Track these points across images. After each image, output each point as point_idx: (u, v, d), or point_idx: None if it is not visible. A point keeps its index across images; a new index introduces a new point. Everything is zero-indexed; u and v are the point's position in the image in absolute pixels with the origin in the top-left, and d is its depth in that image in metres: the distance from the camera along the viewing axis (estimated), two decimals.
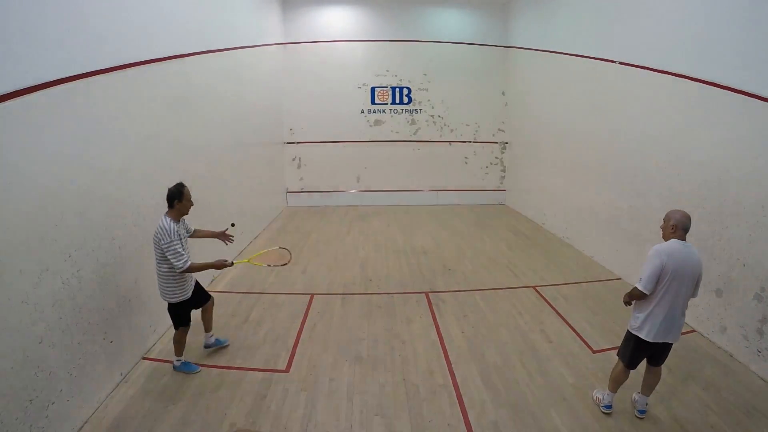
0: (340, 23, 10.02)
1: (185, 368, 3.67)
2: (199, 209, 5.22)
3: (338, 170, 10.37)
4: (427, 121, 10.44)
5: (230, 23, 6.58)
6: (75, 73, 3.02)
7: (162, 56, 4.33)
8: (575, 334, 4.28)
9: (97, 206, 3.25)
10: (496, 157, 10.65)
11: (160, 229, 3.32)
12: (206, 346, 3.99)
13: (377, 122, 10.38)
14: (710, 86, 4.20)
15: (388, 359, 3.88)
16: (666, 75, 4.84)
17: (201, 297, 3.83)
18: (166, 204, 3.47)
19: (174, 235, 3.32)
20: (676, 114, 4.73)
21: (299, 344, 4.11)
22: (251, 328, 4.43)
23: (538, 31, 8.68)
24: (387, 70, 10.23)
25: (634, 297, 3.01)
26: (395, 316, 4.71)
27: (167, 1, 4.51)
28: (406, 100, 10.37)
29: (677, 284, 2.86)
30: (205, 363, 3.79)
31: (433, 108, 10.41)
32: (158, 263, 3.43)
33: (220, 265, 3.58)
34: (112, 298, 3.41)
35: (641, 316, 2.96)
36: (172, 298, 3.53)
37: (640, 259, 5.31)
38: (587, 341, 4.14)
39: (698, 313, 4.32)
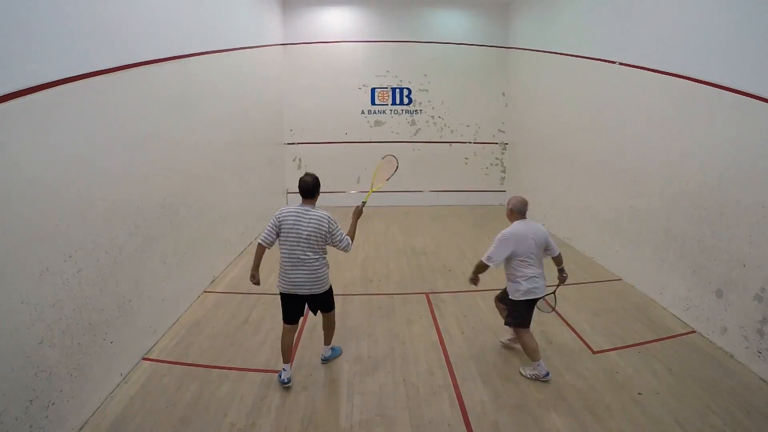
0: (340, 24, 10.03)
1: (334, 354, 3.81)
2: (200, 209, 5.25)
3: (338, 171, 10.36)
4: (427, 121, 10.44)
5: (230, 24, 6.59)
6: (75, 74, 3.02)
7: (162, 57, 4.33)
8: (575, 335, 4.28)
9: (97, 206, 3.25)
10: (497, 158, 10.65)
11: (324, 218, 3.37)
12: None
13: (377, 123, 10.39)
14: (710, 86, 4.20)
15: (388, 359, 3.88)
16: (666, 75, 4.84)
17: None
18: (304, 196, 3.44)
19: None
20: (676, 114, 4.73)
21: (299, 344, 4.11)
22: (252, 328, 4.43)
23: (538, 32, 8.69)
24: (387, 71, 10.24)
25: (480, 270, 3.80)
26: (395, 316, 4.71)
27: (167, 2, 4.52)
28: (406, 100, 10.37)
29: (533, 253, 3.66)
30: (205, 363, 3.79)
31: (433, 109, 10.41)
32: (315, 255, 3.39)
33: (360, 213, 3.84)
34: (112, 298, 3.42)
35: (523, 283, 3.61)
36: (328, 283, 3.58)
37: (641, 260, 5.36)
38: (587, 342, 4.14)
39: (698, 313, 4.32)
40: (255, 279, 3.64)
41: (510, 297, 3.70)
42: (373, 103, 10.32)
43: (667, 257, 4.82)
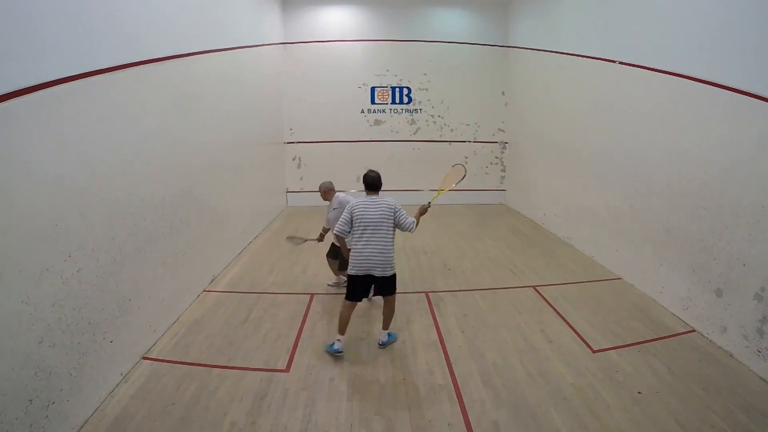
0: (340, 23, 10.02)
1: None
2: (200, 209, 5.24)
3: (338, 170, 10.31)
4: (427, 120, 10.44)
5: (230, 23, 6.58)
6: (75, 73, 3.01)
7: (162, 56, 4.32)
8: (575, 334, 4.28)
9: (97, 206, 3.25)
10: (496, 157, 10.65)
11: (390, 204, 3.83)
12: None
13: (377, 122, 10.39)
14: (711, 86, 4.20)
15: (388, 359, 3.88)
16: (666, 74, 4.84)
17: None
18: (370, 189, 3.94)
19: None
20: (677, 114, 4.72)
21: (299, 344, 4.11)
22: (251, 327, 4.43)
23: (538, 31, 8.68)
24: (387, 70, 10.23)
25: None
26: (395, 316, 4.69)
27: (167, 1, 4.51)
28: (406, 99, 10.37)
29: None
30: (205, 362, 3.79)
31: (433, 108, 10.40)
32: (388, 238, 3.80)
33: (424, 211, 4.07)
34: (112, 298, 3.41)
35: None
36: (395, 267, 3.88)
37: (641, 259, 5.36)
38: (587, 341, 4.14)
39: (698, 313, 4.33)
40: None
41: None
42: (372, 102, 10.31)
43: (667, 256, 4.82)
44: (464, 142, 10.53)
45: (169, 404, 3.23)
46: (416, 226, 3.91)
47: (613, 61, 5.92)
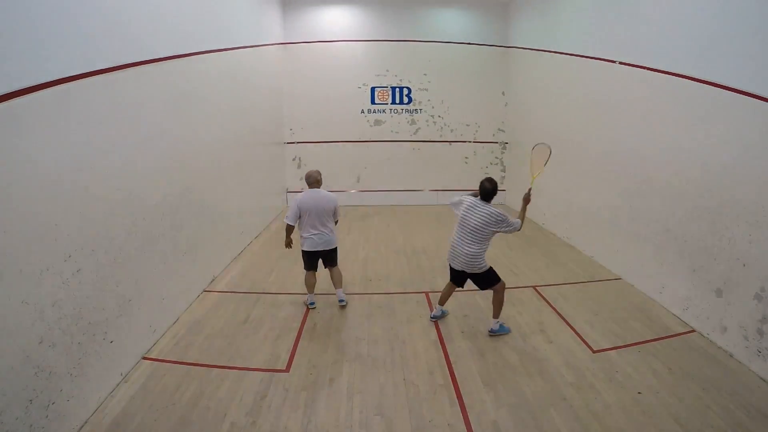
0: (340, 23, 10.02)
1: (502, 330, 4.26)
2: (200, 209, 5.24)
3: (338, 170, 10.36)
4: (427, 121, 10.44)
5: (230, 23, 6.58)
6: (75, 73, 3.02)
7: (162, 56, 4.32)
8: (575, 334, 4.28)
9: (97, 206, 3.25)
10: (496, 157, 10.65)
11: (496, 213, 4.00)
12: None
13: (377, 122, 10.39)
14: (710, 86, 4.20)
15: (388, 359, 3.88)
16: (666, 75, 4.84)
17: None
18: (484, 198, 4.12)
19: None
20: (676, 114, 4.73)
21: (299, 344, 4.11)
22: (251, 328, 4.43)
23: (538, 31, 8.68)
24: (387, 70, 10.23)
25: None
26: (395, 316, 4.71)
27: (167, 1, 4.51)
28: (406, 100, 10.37)
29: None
30: (205, 363, 3.79)
31: (433, 108, 10.40)
32: (483, 242, 4.03)
33: (528, 200, 4.29)
34: (112, 298, 3.42)
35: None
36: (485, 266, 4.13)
37: (641, 259, 5.36)
38: (587, 341, 4.14)
39: (698, 312, 4.33)
40: None
41: None
42: (372, 102, 10.31)
43: (667, 257, 4.82)
44: (464, 142, 10.53)
45: (169, 404, 3.24)
46: (521, 225, 4.10)
47: (613, 61, 5.92)
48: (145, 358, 3.82)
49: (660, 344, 4.10)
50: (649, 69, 5.15)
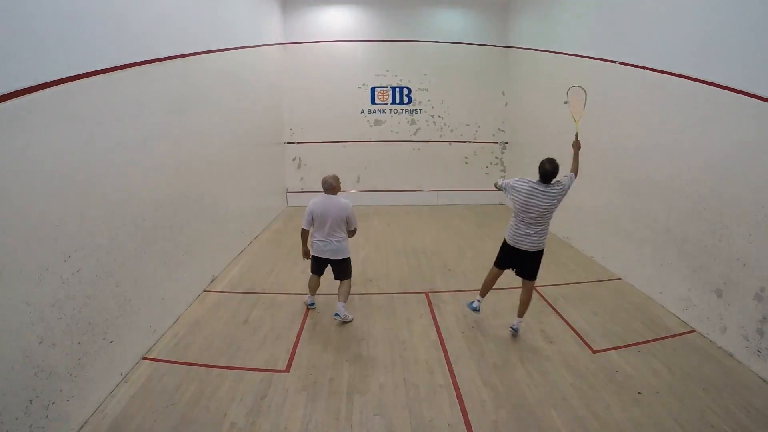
0: (340, 23, 10.02)
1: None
2: (200, 209, 5.24)
3: (338, 170, 10.21)
4: (427, 121, 10.44)
5: (230, 23, 6.58)
6: (75, 74, 3.02)
7: (162, 56, 4.32)
8: (575, 334, 4.29)
9: (97, 206, 3.25)
10: (497, 157, 10.64)
11: (557, 190, 4.04)
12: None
13: (377, 122, 10.38)
14: (710, 86, 4.20)
15: (388, 359, 3.88)
16: (666, 75, 4.84)
17: None
18: (545, 180, 4.02)
19: None
20: (677, 114, 4.73)
21: (299, 344, 4.11)
22: (251, 328, 4.43)
23: (538, 31, 8.68)
24: (387, 70, 10.23)
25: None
26: (395, 316, 4.71)
27: (167, 1, 4.51)
28: (406, 100, 10.36)
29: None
30: (205, 363, 3.79)
31: (433, 108, 10.40)
32: (549, 219, 4.11)
33: (579, 145, 4.31)
34: (112, 298, 3.41)
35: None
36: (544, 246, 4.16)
37: (641, 259, 5.36)
38: (587, 341, 4.15)
39: (698, 312, 4.33)
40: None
41: None
42: (372, 102, 10.31)
43: (667, 257, 4.82)
44: (464, 142, 10.52)
45: (169, 404, 3.24)
46: (577, 173, 4.18)
47: (613, 61, 5.92)
48: (145, 358, 3.82)
49: (660, 344, 4.10)
50: (649, 69, 5.15)
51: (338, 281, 4.57)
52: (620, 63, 5.75)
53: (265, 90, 8.65)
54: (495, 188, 4.40)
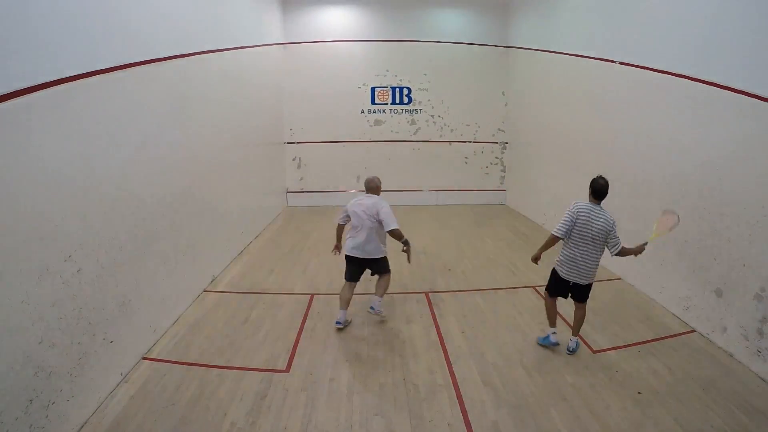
0: (340, 23, 10.02)
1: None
2: (200, 209, 5.24)
3: (338, 170, 10.36)
4: (427, 121, 10.44)
5: (230, 23, 6.58)
6: (75, 74, 3.02)
7: (162, 56, 4.32)
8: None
9: (97, 206, 3.25)
10: (497, 157, 10.65)
11: (611, 218, 3.68)
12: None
13: (377, 122, 10.39)
14: (710, 86, 4.20)
15: (388, 359, 3.88)
16: (666, 75, 4.84)
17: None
18: (597, 197, 3.75)
19: None
20: (677, 114, 4.72)
21: (299, 344, 4.11)
22: (251, 328, 4.43)
23: (538, 31, 8.68)
24: (387, 70, 10.23)
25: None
26: (395, 316, 4.71)
27: (167, 1, 4.51)
28: (406, 100, 10.37)
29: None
30: (205, 363, 3.79)
31: (433, 108, 10.40)
32: (602, 249, 3.75)
33: (639, 252, 3.78)
34: (112, 298, 3.41)
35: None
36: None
37: (641, 259, 5.33)
38: (587, 341, 4.14)
39: (698, 312, 4.33)
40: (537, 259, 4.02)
41: None
42: (372, 102, 10.31)
43: (667, 257, 4.82)
44: (464, 142, 10.53)
45: (169, 404, 3.24)
46: (620, 249, 3.72)
47: (613, 61, 5.92)
48: (145, 358, 3.82)
49: (660, 344, 4.10)
50: (649, 69, 5.15)
51: (378, 278, 4.52)
52: (620, 63, 5.75)
53: (265, 90, 8.65)
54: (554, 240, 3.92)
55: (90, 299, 3.13)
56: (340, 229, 4.63)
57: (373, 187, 4.66)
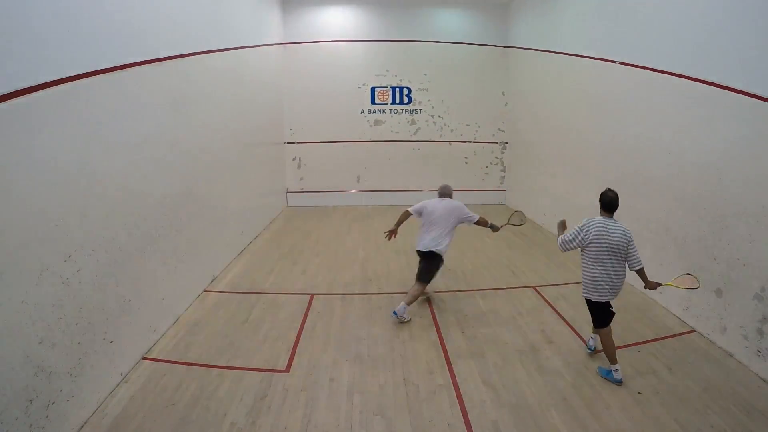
0: (340, 23, 10.02)
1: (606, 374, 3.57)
2: (200, 209, 5.24)
3: (338, 170, 10.37)
4: (427, 121, 10.44)
5: (230, 23, 6.58)
6: (75, 74, 3.02)
7: (162, 56, 4.32)
8: (575, 334, 4.28)
9: (97, 206, 3.25)
10: (496, 157, 10.65)
11: (626, 232, 3.54)
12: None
13: (377, 122, 10.39)
14: (710, 86, 4.20)
15: (388, 359, 3.88)
16: (666, 75, 4.84)
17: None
18: (607, 210, 3.62)
19: None
20: (677, 114, 4.72)
21: (299, 344, 4.11)
22: (251, 328, 4.43)
23: (538, 31, 8.68)
24: (387, 70, 10.23)
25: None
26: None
27: (167, 1, 4.51)
28: (406, 100, 10.37)
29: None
30: (205, 363, 3.79)
31: (433, 108, 10.41)
32: (621, 267, 3.59)
33: (653, 287, 3.65)
34: (112, 298, 3.41)
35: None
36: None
37: (641, 259, 5.32)
38: (587, 341, 4.14)
39: (698, 313, 4.33)
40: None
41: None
42: (372, 102, 10.32)
43: (667, 257, 4.82)
44: (464, 142, 10.53)
45: (169, 404, 3.24)
46: (641, 267, 3.61)
47: (613, 61, 5.92)
48: (145, 358, 3.82)
49: (660, 344, 4.10)
50: (649, 69, 5.14)
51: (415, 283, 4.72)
52: (620, 63, 5.75)
53: (265, 90, 8.65)
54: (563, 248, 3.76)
55: (90, 299, 3.13)
56: (405, 215, 5.03)
57: (448, 193, 5.25)
